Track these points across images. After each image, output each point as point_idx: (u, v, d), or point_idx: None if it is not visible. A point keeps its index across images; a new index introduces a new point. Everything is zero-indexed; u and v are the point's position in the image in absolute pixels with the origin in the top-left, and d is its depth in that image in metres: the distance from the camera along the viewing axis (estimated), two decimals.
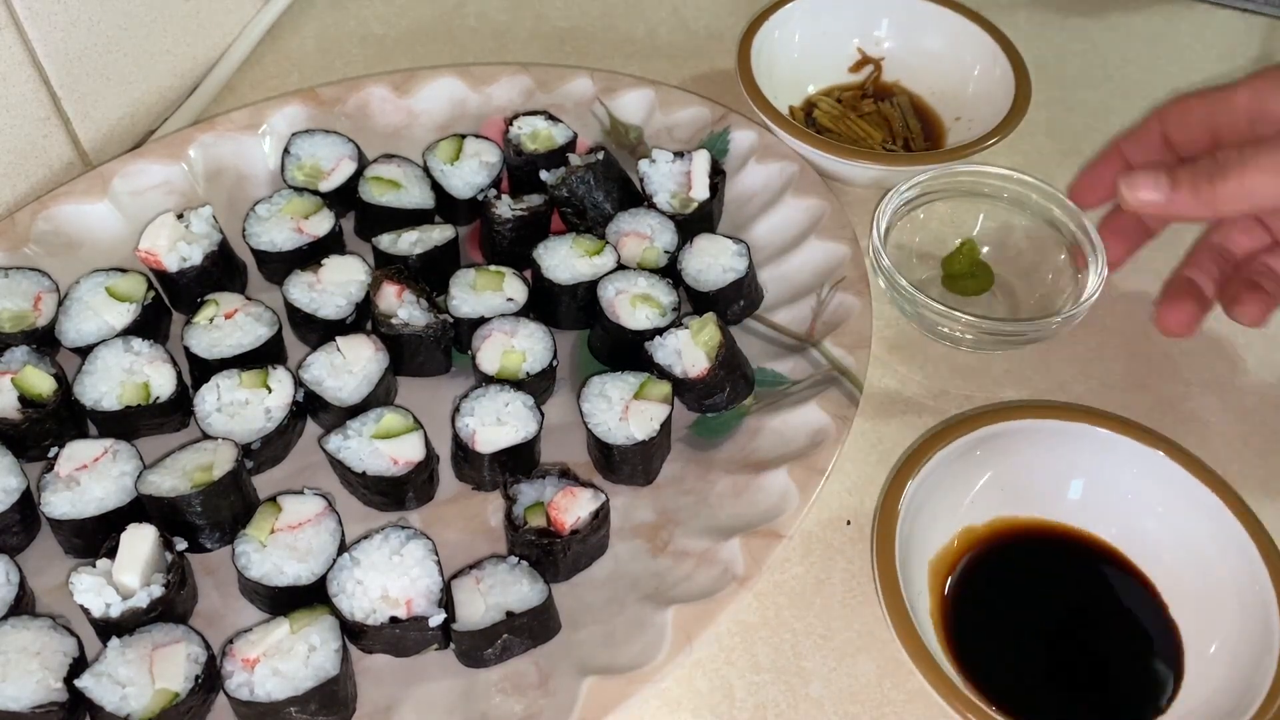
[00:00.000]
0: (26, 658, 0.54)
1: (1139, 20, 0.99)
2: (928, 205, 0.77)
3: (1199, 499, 0.60)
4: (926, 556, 0.61)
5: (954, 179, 0.76)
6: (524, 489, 0.62)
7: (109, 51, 0.82)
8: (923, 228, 0.77)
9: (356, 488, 0.64)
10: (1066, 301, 0.72)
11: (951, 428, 0.62)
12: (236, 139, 0.80)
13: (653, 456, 0.65)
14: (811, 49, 0.89)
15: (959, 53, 0.86)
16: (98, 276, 0.70)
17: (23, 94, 0.75)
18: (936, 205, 0.77)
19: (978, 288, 0.76)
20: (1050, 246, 0.75)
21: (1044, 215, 0.75)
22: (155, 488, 0.60)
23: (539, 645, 0.58)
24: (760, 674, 0.59)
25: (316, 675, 0.54)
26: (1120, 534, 0.62)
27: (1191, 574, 0.60)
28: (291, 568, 0.58)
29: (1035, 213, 0.76)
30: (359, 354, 0.67)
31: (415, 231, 0.74)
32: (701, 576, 0.60)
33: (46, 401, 0.64)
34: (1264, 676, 0.54)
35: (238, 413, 0.65)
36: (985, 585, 0.61)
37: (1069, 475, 0.64)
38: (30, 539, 0.63)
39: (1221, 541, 0.59)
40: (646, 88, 0.84)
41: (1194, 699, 0.57)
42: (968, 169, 0.76)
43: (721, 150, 0.81)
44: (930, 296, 0.69)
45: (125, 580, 0.56)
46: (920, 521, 0.60)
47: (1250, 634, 0.57)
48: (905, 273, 0.70)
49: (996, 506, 0.63)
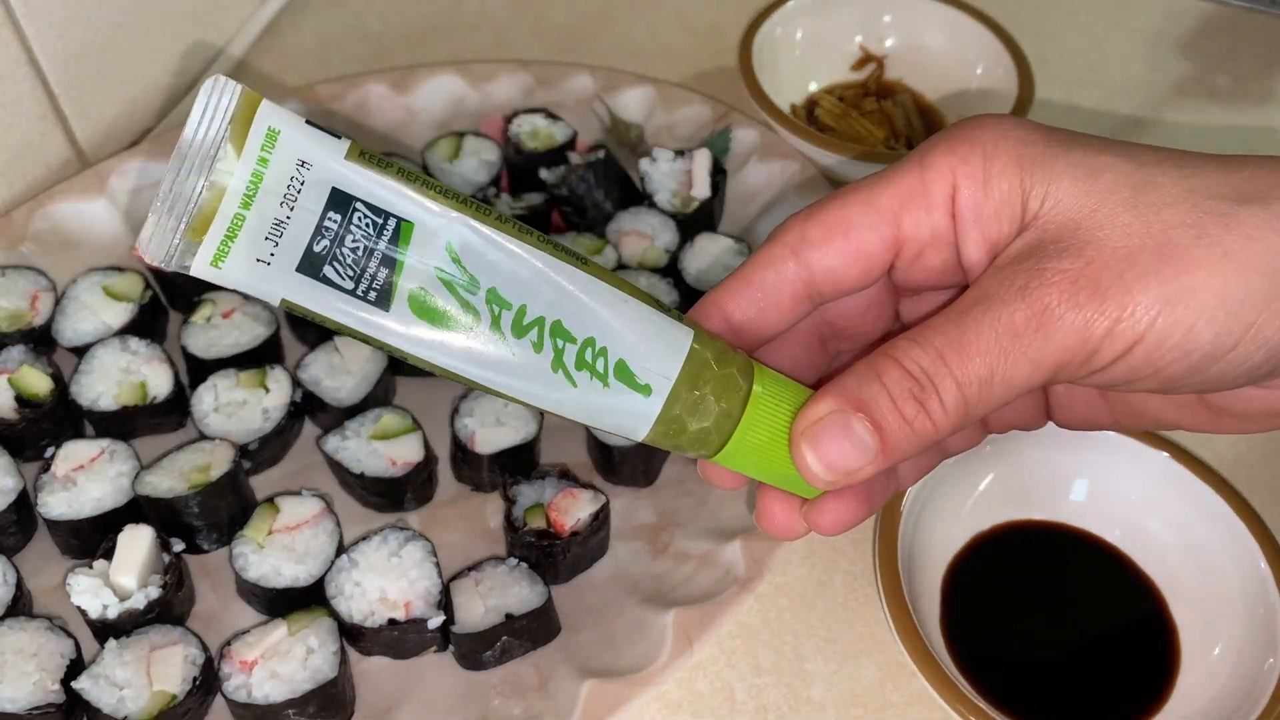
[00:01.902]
0: (23, 659, 0.54)
1: (1141, 20, 0.99)
2: None
3: (1204, 502, 0.59)
4: (929, 557, 0.61)
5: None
6: (523, 490, 0.61)
7: (106, 49, 0.81)
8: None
9: (355, 489, 0.64)
10: None
11: None
12: None
13: (653, 458, 0.64)
14: (813, 47, 0.88)
15: (962, 51, 0.86)
16: (95, 275, 0.70)
17: (19, 92, 0.75)
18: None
19: None
20: None
21: None
22: (153, 488, 0.60)
23: (539, 647, 0.58)
24: (762, 676, 0.59)
25: (314, 677, 0.54)
26: (1124, 536, 0.62)
27: (1196, 577, 0.60)
28: (289, 569, 0.58)
29: None
30: (357, 354, 0.67)
31: None
32: (702, 578, 0.59)
33: (43, 401, 0.64)
34: (1268, 680, 0.54)
35: (235, 413, 0.65)
36: (988, 586, 0.61)
37: (1073, 476, 0.63)
38: (27, 539, 0.62)
39: (1226, 545, 0.59)
40: (647, 85, 0.84)
41: (1197, 702, 0.56)
42: None
43: (723, 149, 0.81)
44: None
45: (122, 581, 0.56)
46: (923, 523, 0.60)
47: (1254, 638, 0.56)
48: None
49: (999, 507, 0.63)
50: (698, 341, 0.37)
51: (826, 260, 0.39)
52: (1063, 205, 0.35)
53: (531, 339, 0.35)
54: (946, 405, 0.35)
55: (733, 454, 0.39)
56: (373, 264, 0.33)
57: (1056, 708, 0.57)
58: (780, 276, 0.39)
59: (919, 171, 0.37)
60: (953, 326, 0.35)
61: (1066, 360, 0.34)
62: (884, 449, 0.36)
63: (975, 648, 0.58)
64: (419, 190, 0.34)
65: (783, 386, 0.39)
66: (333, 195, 0.33)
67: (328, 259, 0.33)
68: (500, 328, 0.35)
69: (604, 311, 0.36)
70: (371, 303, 0.33)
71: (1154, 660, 0.58)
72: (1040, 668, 0.59)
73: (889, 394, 0.35)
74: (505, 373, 0.35)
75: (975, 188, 0.36)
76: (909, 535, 0.58)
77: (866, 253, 0.38)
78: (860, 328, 0.43)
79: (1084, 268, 0.34)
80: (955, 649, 0.58)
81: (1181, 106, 0.91)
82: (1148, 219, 0.34)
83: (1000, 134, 0.37)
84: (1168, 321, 0.33)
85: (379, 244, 0.33)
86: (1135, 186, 0.35)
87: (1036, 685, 0.58)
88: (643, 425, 0.37)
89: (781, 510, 0.41)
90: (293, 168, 0.32)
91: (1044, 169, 0.36)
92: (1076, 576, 0.62)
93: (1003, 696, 0.56)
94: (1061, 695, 0.57)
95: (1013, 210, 0.36)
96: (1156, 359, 0.34)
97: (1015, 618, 0.60)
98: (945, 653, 0.57)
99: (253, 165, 0.32)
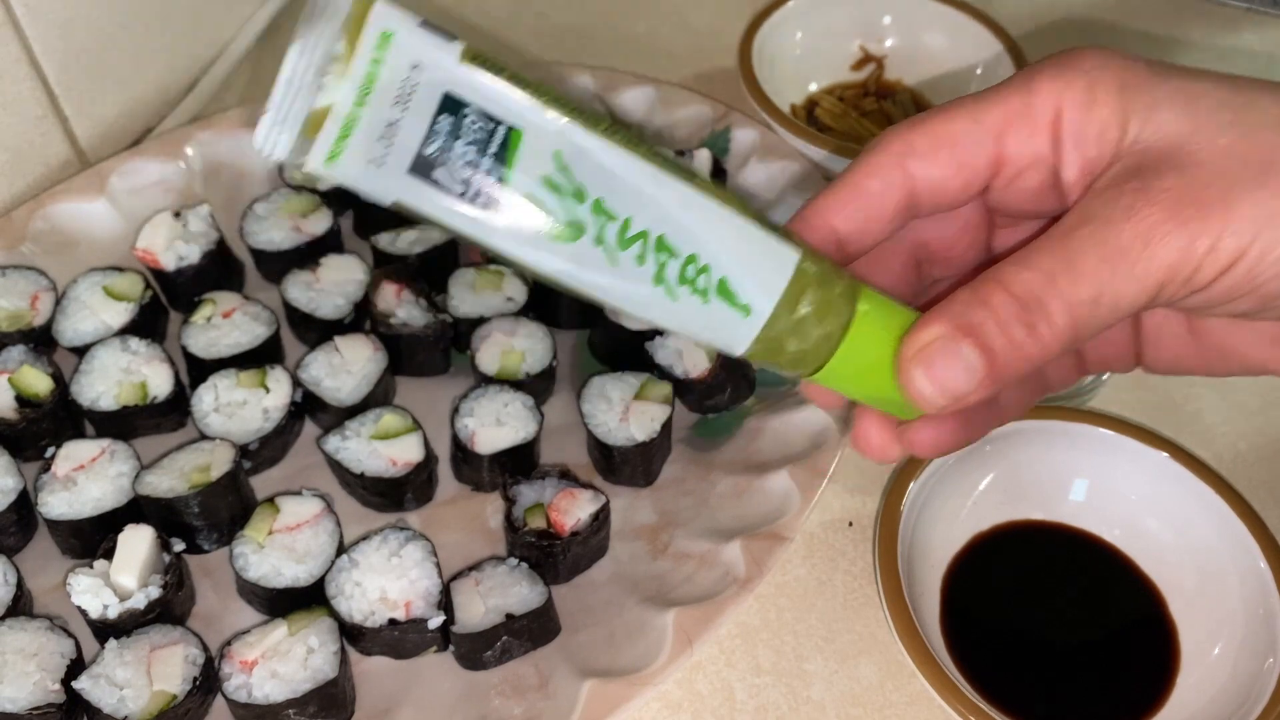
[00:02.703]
0: (24, 659, 0.54)
1: (1140, 19, 0.99)
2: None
3: (1204, 501, 0.59)
4: (929, 558, 0.61)
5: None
6: (523, 490, 0.61)
7: (107, 49, 0.81)
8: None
9: (355, 489, 0.64)
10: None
11: None
12: (234, 137, 0.79)
13: (653, 458, 0.64)
14: (813, 47, 0.88)
15: (962, 51, 0.86)
16: (95, 275, 0.70)
17: (20, 92, 0.75)
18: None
19: None
20: None
21: None
22: (153, 488, 0.60)
23: (539, 647, 0.58)
24: (761, 676, 0.59)
25: (315, 677, 0.54)
26: (1124, 536, 0.62)
27: (1195, 577, 0.60)
28: (290, 569, 0.58)
29: None
30: (357, 354, 0.67)
31: (414, 230, 0.73)
32: (702, 578, 0.59)
33: (43, 401, 0.64)
34: (1268, 680, 0.54)
35: (235, 413, 0.65)
36: (988, 586, 0.61)
37: (1072, 476, 0.63)
38: (27, 539, 0.62)
39: (1226, 545, 0.59)
40: (647, 86, 0.84)
41: (1196, 702, 0.56)
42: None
43: (723, 149, 0.81)
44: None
45: (123, 581, 0.56)
46: (923, 522, 0.60)
47: (1254, 638, 0.56)
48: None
49: (999, 507, 0.63)
50: (805, 261, 0.37)
51: (931, 170, 0.39)
52: (1164, 129, 0.36)
53: (635, 251, 0.35)
54: (1055, 326, 0.36)
55: (833, 373, 0.39)
56: (483, 168, 0.34)
57: (1056, 708, 0.57)
58: (886, 185, 0.40)
59: (1025, 94, 0.38)
60: (1059, 247, 0.36)
61: (1169, 278, 0.35)
62: (991, 373, 0.36)
63: (975, 648, 0.58)
64: (531, 96, 0.34)
65: (886, 309, 0.39)
66: (444, 100, 0.33)
67: (439, 162, 0.33)
68: (605, 238, 0.35)
69: (708, 228, 0.36)
70: (481, 206, 0.34)
71: (1154, 660, 0.58)
72: (1040, 668, 0.59)
73: (997, 317, 0.36)
74: (608, 281, 0.36)
75: (1079, 112, 0.37)
76: (909, 535, 0.58)
77: (970, 165, 0.39)
78: (954, 252, 0.44)
79: (1187, 186, 0.35)
80: (955, 649, 0.58)
81: None
82: (1248, 140, 0.35)
83: (1103, 62, 0.38)
84: (1270, 238, 0.34)
85: (489, 149, 0.34)
86: (1235, 109, 0.36)
87: (1036, 685, 0.58)
88: (740, 344, 0.38)
89: (878, 432, 0.42)
90: (406, 70, 0.33)
91: (1146, 94, 0.37)
92: (1076, 576, 0.62)
93: (1003, 697, 0.56)
94: (1061, 695, 0.57)
95: (1114, 134, 0.37)
96: (1256, 275, 0.35)
97: (1015, 618, 0.60)
98: (945, 653, 0.57)
99: (365, 67, 0.32)
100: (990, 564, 0.61)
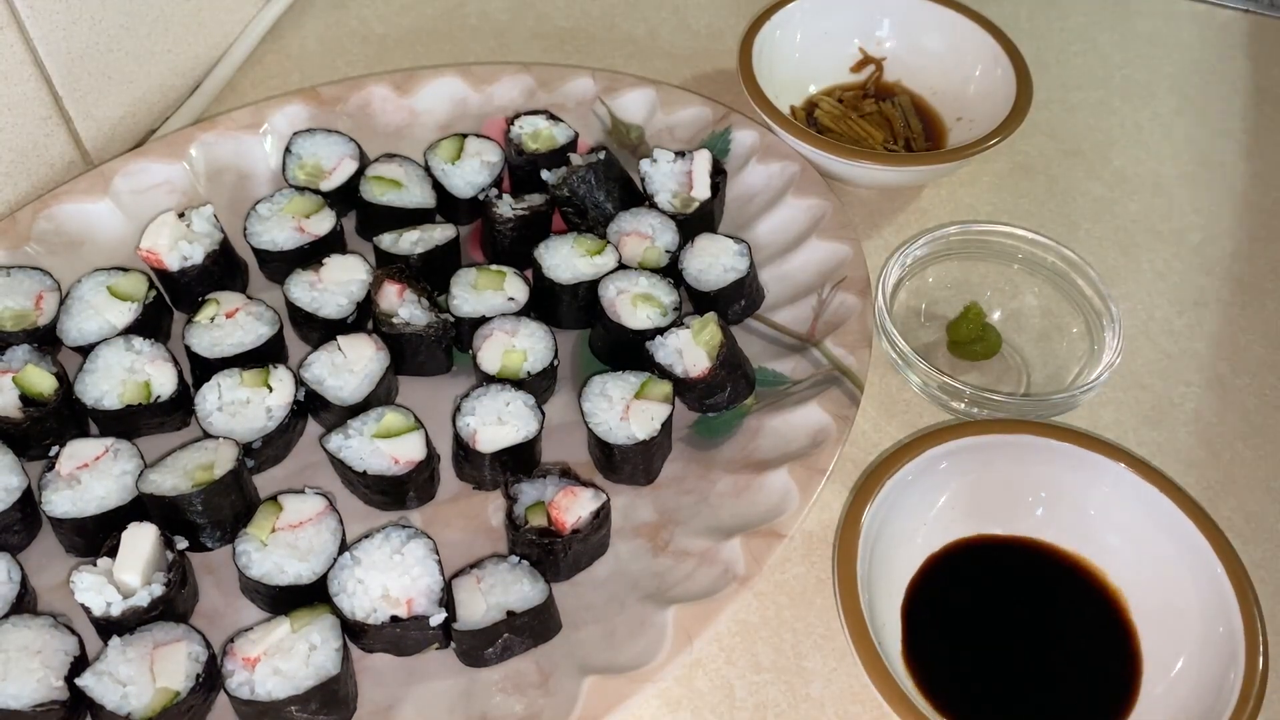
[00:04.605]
0: (28, 656, 0.54)
1: (1140, 20, 0.99)
2: (937, 264, 0.75)
3: (1160, 512, 0.59)
4: (889, 577, 0.60)
5: (966, 238, 0.74)
6: (525, 488, 0.62)
7: (110, 50, 0.82)
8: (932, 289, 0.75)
9: (357, 487, 0.64)
10: (1081, 370, 0.69)
11: (914, 443, 0.61)
12: (238, 138, 0.80)
13: (654, 456, 0.65)
14: (813, 49, 0.89)
15: (960, 53, 0.86)
16: (99, 275, 0.70)
17: (24, 93, 0.75)
18: (948, 264, 0.75)
19: (985, 351, 0.73)
20: (1065, 312, 0.73)
21: (1059, 279, 0.73)
22: (156, 487, 0.60)
23: (539, 644, 0.58)
24: (761, 674, 0.59)
25: (317, 674, 0.54)
26: (1085, 549, 0.61)
27: (1155, 588, 0.59)
28: (292, 567, 0.58)
29: (1050, 275, 0.73)
30: (360, 353, 0.67)
31: (416, 231, 0.74)
32: (702, 576, 0.60)
33: (48, 400, 0.64)
34: (1228, 695, 0.53)
35: (239, 412, 0.65)
36: (948, 605, 0.60)
37: (1034, 490, 0.63)
38: (31, 538, 0.63)
39: (1184, 555, 0.58)
40: (648, 87, 0.84)
41: (1157, 716, 0.56)
42: (981, 229, 0.74)
43: (723, 150, 0.81)
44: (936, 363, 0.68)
45: (126, 579, 0.56)
46: (881, 542, 0.59)
47: (1214, 650, 0.56)
48: (910, 337, 0.69)
49: (961, 521, 0.62)
50: None
51: None
52: None
53: None
54: None
55: None
56: None
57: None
58: None
59: None
60: None
61: None
62: None
63: (936, 666, 0.57)
64: None
65: None
66: None
67: None
68: None
69: None
70: None
71: (1116, 674, 0.58)
72: (1003, 683, 0.58)
73: None
74: None
75: None
76: (868, 555, 0.58)
77: None
78: None
79: None
80: (916, 669, 0.57)
81: (1180, 107, 0.92)
82: None
83: None
84: None
85: None
86: None
87: (999, 702, 0.57)
88: None
89: None
90: None
91: None
92: (1037, 591, 0.61)
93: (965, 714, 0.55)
94: (1024, 711, 0.57)
95: None
96: None
97: (977, 634, 0.59)
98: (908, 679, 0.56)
99: None
100: (951, 581, 0.61)
